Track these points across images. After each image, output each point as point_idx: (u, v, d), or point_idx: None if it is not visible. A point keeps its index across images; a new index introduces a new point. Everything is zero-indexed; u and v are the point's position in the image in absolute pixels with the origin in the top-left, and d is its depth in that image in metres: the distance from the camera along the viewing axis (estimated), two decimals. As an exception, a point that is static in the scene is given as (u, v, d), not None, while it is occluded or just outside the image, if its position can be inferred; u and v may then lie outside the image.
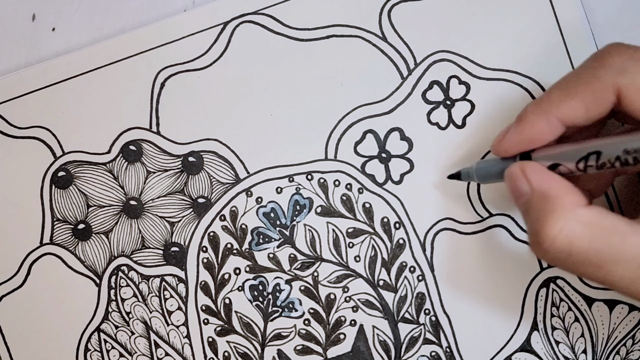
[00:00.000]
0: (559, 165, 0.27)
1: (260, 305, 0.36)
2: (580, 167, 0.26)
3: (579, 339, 0.35)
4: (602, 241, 0.24)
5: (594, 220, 0.25)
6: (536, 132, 0.28)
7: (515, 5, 0.35)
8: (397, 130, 0.35)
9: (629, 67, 0.25)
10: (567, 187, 0.26)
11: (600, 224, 0.25)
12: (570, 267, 0.26)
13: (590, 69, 0.26)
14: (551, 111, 0.27)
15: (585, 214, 0.25)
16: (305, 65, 0.35)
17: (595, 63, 0.26)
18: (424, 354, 0.35)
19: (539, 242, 0.25)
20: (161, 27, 0.35)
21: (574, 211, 0.25)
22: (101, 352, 0.36)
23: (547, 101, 0.27)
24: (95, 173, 0.36)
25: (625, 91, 0.25)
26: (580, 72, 0.27)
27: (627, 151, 0.24)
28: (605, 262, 0.24)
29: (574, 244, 0.25)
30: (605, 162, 0.25)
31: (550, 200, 0.26)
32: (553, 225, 0.25)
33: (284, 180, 0.35)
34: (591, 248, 0.24)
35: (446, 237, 0.35)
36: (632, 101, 0.25)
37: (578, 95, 0.26)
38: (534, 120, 0.28)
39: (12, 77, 0.36)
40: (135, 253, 0.36)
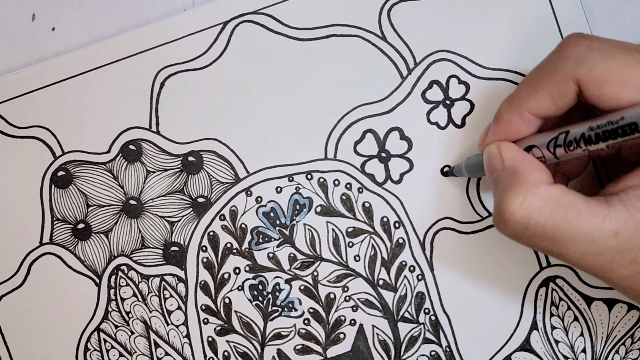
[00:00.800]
0: (534, 147, 0.28)
1: (260, 304, 0.36)
2: (550, 149, 0.28)
3: (579, 338, 0.35)
4: (558, 216, 0.26)
5: (553, 196, 0.26)
6: (512, 128, 0.29)
7: (515, 5, 0.35)
8: (397, 129, 0.35)
9: (586, 57, 0.26)
10: (536, 166, 0.27)
11: (558, 200, 0.26)
12: (527, 240, 0.27)
13: (552, 62, 0.28)
14: (521, 106, 0.29)
15: (546, 191, 0.26)
16: (304, 65, 0.35)
17: (555, 55, 0.28)
18: (423, 353, 0.35)
19: (500, 214, 0.27)
20: (161, 27, 0.35)
21: (537, 187, 0.26)
22: (101, 352, 0.36)
23: (517, 97, 0.29)
24: (95, 173, 0.36)
25: (583, 81, 0.26)
26: (543, 66, 0.28)
27: (591, 128, 0.26)
28: (560, 237, 0.26)
29: (531, 218, 0.26)
30: (572, 141, 0.26)
31: (517, 176, 0.27)
32: (514, 199, 0.26)
33: (283, 179, 0.35)
34: (547, 222, 0.26)
35: (446, 236, 0.35)
36: (591, 90, 0.26)
37: (543, 88, 0.28)
38: (508, 118, 0.29)
39: (12, 77, 0.36)
40: (135, 253, 0.36)
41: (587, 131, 0.26)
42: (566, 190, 0.26)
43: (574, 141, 0.26)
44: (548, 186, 0.26)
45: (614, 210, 0.25)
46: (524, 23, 0.35)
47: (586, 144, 0.26)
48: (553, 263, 0.35)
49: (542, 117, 0.29)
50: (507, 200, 0.26)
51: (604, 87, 0.26)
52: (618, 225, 0.25)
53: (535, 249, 0.28)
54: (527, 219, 0.26)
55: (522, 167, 0.27)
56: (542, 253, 0.28)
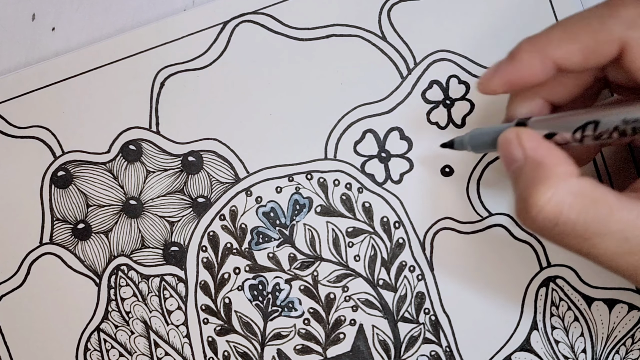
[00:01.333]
0: (555, 135, 0.26)
1: (260, 304, 0.36)
2: (577, 137, 0.25)
3: (579, 338, 0.35)
4: (590, 213, 0.24)
5: (584, 191, 0.24)
6: (528, 71, 0.26)
7: (515, 4, 0.35)
8: (397, 129, 0.35)
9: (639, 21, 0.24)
10: (562, 157, 0.25)
11: (590, 196, 0.24)
12: (556, 237, 0.25)
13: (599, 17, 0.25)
14: (548, 51, 0.26)
15: (576, 185, 0.24)
16: (304, 65, 0.35)
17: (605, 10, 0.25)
18: (423, 353, 0.35)
19: (527, 209, 0.25)
20: (161, 27, 0.35)
21: (566, 181, 0.24)
22: (101, 352, 0.36)
23: (546, 40, 0.26)
24: (95, 173, 0.36)
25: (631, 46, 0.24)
26: (587, 17, 0.25)
27: (626, 121, 0.24)
28: (591, 234, 0.24)
29: (562, 214, 0.24)
30: (602, 132, 0.24)
31: (543, 168, 0.25)
32: (543, 194, 0.24)
33: (283, 179, 0.35)
34: (579, 219, 0.24)
35: (446, 236, 0.35)
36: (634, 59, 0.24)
37: (580, 40, 0.25)
38: (528, 58, 0.26)
39: (12, 76, 0.36)
40: (135, 252, 0.36)
41: (622, 124, 0.24)
42: (597, 184, 0.25)
43: (606, 132, 0.24)
44: (578, 179, 0.24)
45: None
46: (524, 22, 0.35)
47: (620, 136, 0.24)
48: (553, 263, 0.35)
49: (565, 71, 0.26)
50: (535, 194, 0.24)
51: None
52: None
53: (563, 246, 0.26)
54: (558, 215, 0.24)
55: (547, 158, 0.25)
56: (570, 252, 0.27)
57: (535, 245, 0.35)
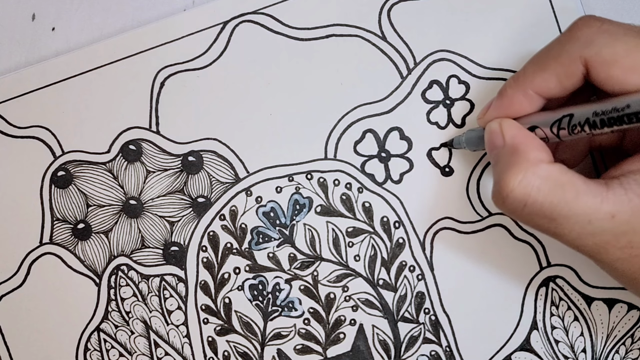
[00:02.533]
0: (536, 128, 0.28)
1: (260, 304, 0.36)
2: (554, 131, 0.28)
3: (579, 338, 0.35)
4: (557, 196, 0.26)
5: (552, 175, 0.26)
6: (515, 105, 0.29)
7: (515, 4, 0.35)
8: (397, 129, 0.35)
9: (595, 39, 0.26)
10: (537, 145, 0.27)
11: (558, 180, 0.26)
12: (525, 217, 0.27)
13: (561, 43, 0.28)
14: (526, 84, 0.28)
15: (546, 169, 0.26)
16: (304, 65, 0.35)
17: (565, 36, 0.28)
18: (423, 353, 0.35)
19: (499, 191, 0.27)
20: (161, 27, 0.35)
21: (537, 166, 0.26)
22: (101, 352, 0.36)
23: (523, 75, 0.29)
24: (95, 173, 0.36)
25: (591, 62, 0.26)
26: (551, 46, 0.28)
27: (596, 113, 0.25)
28: (557, 215, 0.26)
29: (530, 196, 0.26)
30: (576, 125, 0.26)
31: (517, 154, 0.27)
32: (514, 176, 0.26)
33: (283, 179, 0.35)
34: (546, 201, 0.26)
35: (446, 236, 0.35)
36: (598, 72, 0.26)
37: (550, 68, 0.28)
38: (512, 94, 0.29)
39: (12, 76, 0.36)
40: (135, 252, 0.36)
41: (592, 116, 0.26)
42: (566, 169, 0.26)
43: (578, 125, 0.26)
44: (548, 165, 0.26)
45: (612, 193, 0.25)
46: (524, 23, 0.35)
47: (591, 128, 0.26)
48: (553, 263, 0.35)
49: (547, 97, 0.28)
50: (507, 177, 0.27)
51: (611, 69, 0.25)
52: (615, 208, 0.25)
53: (532, 226, 0.28)
54: (526, 197, 0.26)
55: (523, 144, 0.27)
56: (538, 232, 0.28)
57: (535, 245, 0.35)
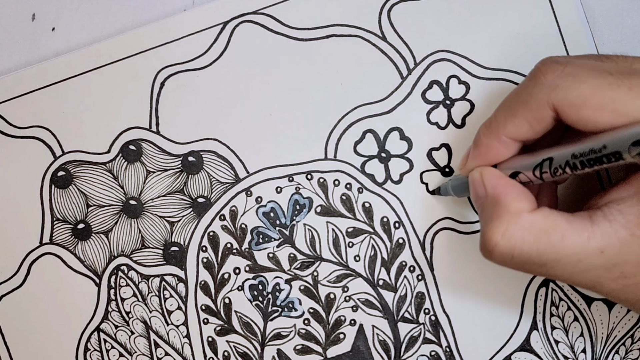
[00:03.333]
0: (519, 173, 0.28)
1: (260, 304, 0.36)
2: (536, 174, 0.27)
3: (579, 338, 0.35)
4: (542, 243, 0.26)
5: (535, 224, 0.26)
6: (492, 152, 0.29)
7: (515, 5, 0.35)
8: (397, 129, 0.35)
9: (560, 83, 0.26)
10: (518, 193, 0.27)
11: (541, 227, 0.26)
12: (515, 266, 0.27)
13: (527, 88, 0.28)
14: (499, 131, 0.29)
15: (527, 219, 0.26)
16: (304, 65, 0.35)
17: (530, 82, 0.28)
18: (423, 353, 0.35)
19: (485, 244, 0.27)
20: (161, 27, 0.35)
21: (519, 216, 0.26)
22: (101, 352, 0.36)
23: (495, 123, 0.29)
24: (95, 173, 0.36)
25: (559, 107, 0.26)
26: (519, 92, 0.28)
27: (575, 155, 0.25)
28: (547, 260, 0.26)
29: (515, 247, 0.26)
30: (557, 168, 0.26)
31: (499, 205, 0.27)
32: (497, 229, 0.27)
33: (283, 179, 0.35)
34: (532, 250, 0.26)
35: (446, 236, 0.35)
36: (568, 114, 0.26)
37: (519, 114, 0.28)
38: (487, 142, 0.29)
39: (12, 77, 0.36)
40: (135, 253, 0.36)
41: (572, 159, 0.26)
42: (548, 213, 0.26)
43: (560, 167, 0.26)
44: (530, 214, 0.26)
45: (597, 227, 0.25)
46: (524, 23, 0.35)
47: (572, 170, 0.26)
48: (553, 263, 0.35)
49: (521, 141, 0.29)
50: (490, 231, 0.27)
51: (580, 111, 0.25)
52: (603, 243, 0.25)
53: (525, 272, 0.28)
54: (512, 249, 0.26)
55: (503, 194, 0.27)
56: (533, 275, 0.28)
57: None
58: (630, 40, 0.36)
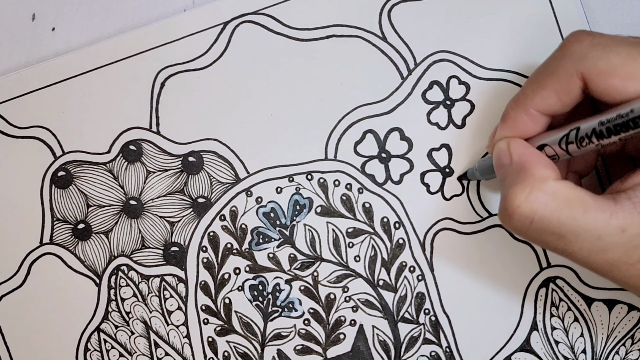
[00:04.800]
0: (545, 146, 0.28)
1: (260, 305, 0.36)
2: (563, 146, 0.28)
3: (579, 338, 0.35)
4: (564, 212, 0.25)
5: (560, 192, 0.26)
6: (520, 126, 0.29)
7: (515, 5, 0.35)
8: (397, 130, 0.35)
9: (589, 52, 0.26)
10: (544, 162, 0.27)
11: (565, 196, 0.26)
12: (532, 234, 0.27)
13: (555, 59, 0.28)
14: (527, 104, 0.29)
15: (552, 186, 0.26)
16: (305, 66, 0.35)
17: (558, 53, 0.28)
18: (423, 353, 0.35)
19: (505, 207, 0.27)
20: (161, 27, 0.35)
21: (544, 182, 0.26)
22: (101, 352, 0.36)
23: (523, 96, 0.29)
24: (95, 173, 0.36)
25: (588, 75, 0.26)
26: (547, 64, 0.28)
27: (602, 122, 0.25)
28: (565, 232, 0.26)
29: (537, 212, 0.26)
30: (584, 137, 0.26)
31: (524, 171, 0.27)
32: (520, 192, 0.26)
33: (283, 180, 0.35)
34: (553, 217, 0.26)
35: (446, 237, 0.35)
36: (596, 84, 0.26)
37: (548, 85, 0.28)
38: (515, 116, 0.29)
39: (12, 77, 0.36)
40: (135, 253, 0.36)
41: (598, 126, 0.26)
42: (573, 186, 0.26)
43: (586, 137, 0.26)
44: (555, 182, 0.26)
45: (621, 207, 0.25)
46: (524, 23, 0.35)
47: (598, 139, 0.26)
48: (553, 263, 0.35)
49: (549, 114, 0.29)
50: (513, 193, 0.26)
51: (609, 80, 0.26)
52: (625, 222, 0.25)
53: (540, 245, 0.27)
54: (533, 213, 0.26)
55: (529, 162, 0.27)
56: (548, 250, 0.28)
57: (535, 245, 0.35)
58: (630, 41, 0.36)
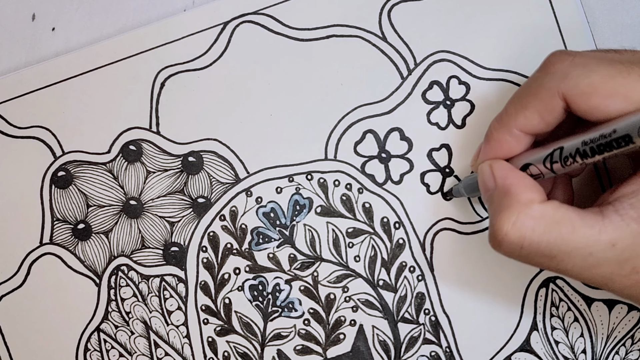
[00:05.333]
0: (530, 166, 0.28)
1: (260, 305, 0.36)
2: (547, 165, 0.27)
3: (579, 338, 0.35)
4: (553, 234, 0.26)
5: (546, 214, 0.26)
6: (503, 146, 0.29)
7: (515, 5, 0.35)
8: (397, 130, 0.35)
9: (570, 72, 0.26)
10: (528, 185, 0.27)
11: (552, 217, 0.26)
12: (524, 259, 0.27)
13: (537, 79, 0.28)
14: (510, 124, 0.29)
15: (538, 209, 0.26)
16: (305, 66, 0.35)
17: (540, 73, 0.28)
18: (423, 353, 0.35)
19: (494, 235, 0.27)
20: (161, 27, 0.35)
21: (529, 207, 0.26)
22: (101, 352, 0.36)
23: (506, 116, 0.29)
24: (95, 173, 0.36)
25: (569, 95, 0.26)
26: (529, 83, 0.28)
27: (585, 142, 0.25)
28: (557, 253, 0.26)
29: (525, 237, 0.26)
30: (567, 156, 0.26)
31: (508, 196, 0.27)
32: (507, 219, 0.26)
33: (283, 180, 0.35)
34: (542, 240, 0.26)
35: (446, 237, 0.35)
36: (578, 104, 0.26)
37: (530, 105, 0.28)
38: (498, 136, 0.29)
39: (12, 77, 0.36)
40: (135, 253, 0.36)
41: (582, 146, 0.26)
42: (559, 206, 0.26)
43: (570, 156, 0.26)
44: (540, 204, 0.26)
45: (609, 221, 0.25)
46: (524, 23, 0.35)
47: (582, 158, 0.26)
48: (553, 264, 0.35)
49: (532, 133, 0.29)
50: (500, 221, 0.26)
51: (590, 99, 0.26)
52: (615, 236, 0.25)
53: (534, 265, 0.28)
54: (521, 239, 0.26)
55: (514, 186, 0.27)
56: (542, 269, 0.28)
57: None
58: (630, 40, 0.36)
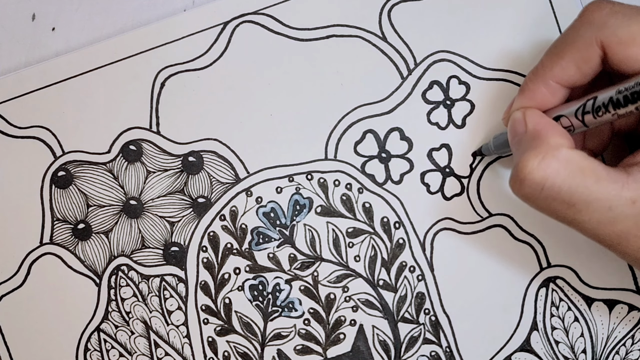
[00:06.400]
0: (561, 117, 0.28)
1: (260, 305, 0.36)
2: (579, 117, 0.27)
3: (579, 338, 0.35)
4: (576, 180, 0.25)
5: (572, 160, 0.26)
6: (538, 97, 0.29)
7: (515, 5, 0.35)
8: (397, 130, 0.35)
9: (609, 20, 0.26)
10: (559, 131, 0.27)
11: (578, 164, 0.26)
12: (542, 202, 0.26)
13: (574, 28, 0.28)
14: (546, 75, 0.28)
15: (566, 154, 0.26)
16: (305, 65, 0.35)
17: (578, 21, 0.28)
18: (423, 353, 0.35)
19: (517, 173, 0.26)
20: (161, 27, 0.35)
21: (557, 150, 0.26)
22: (101, 352, 0.36)
23: (541, 67, 0.29)
24: (95, 173, 0.36)
25: (607, 44, 0.26)
26: (566, 33, 0.28)
27: (619, 91, 0.25)
28: (576, 201, 0.25)
29: (548, 178, 0.26)
30: (600, 106, 0.26)
31: (538, 139, 0.27)
32: (533, 158, 0.26)
33: (283, 180, 0.35)
34: (564, 185, 0.25)
35: (446, 237, 0.35)
36: (615, 52, 0.26)
37: (566, 55, 0.27)
38: (533, 87, 0.29)
39: (12, 77, 0.36)
40: (135, 253, 0.36)
41: (616, 94, 0.25)
42: (586, 156, 0.26)
43: (602, 106, 0.26)
44: (569, 150, 0.26)
45: (633, 179, 0.25)
46: (524, 23, 0.35)
47: (615, 108, 0.25)
48: (554, 263, 0.35)
49: (568, 85, 0.28)
50: (526, 159, 0.26)
51: (628, 49, 0.25)
52: (636, 194, 0.25)
53: (549, 213, 0.27)
54: (544, 179, 0.26)
55: (544, 130, 0.27)
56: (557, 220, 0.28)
57: (535, 245, 0.35)
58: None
